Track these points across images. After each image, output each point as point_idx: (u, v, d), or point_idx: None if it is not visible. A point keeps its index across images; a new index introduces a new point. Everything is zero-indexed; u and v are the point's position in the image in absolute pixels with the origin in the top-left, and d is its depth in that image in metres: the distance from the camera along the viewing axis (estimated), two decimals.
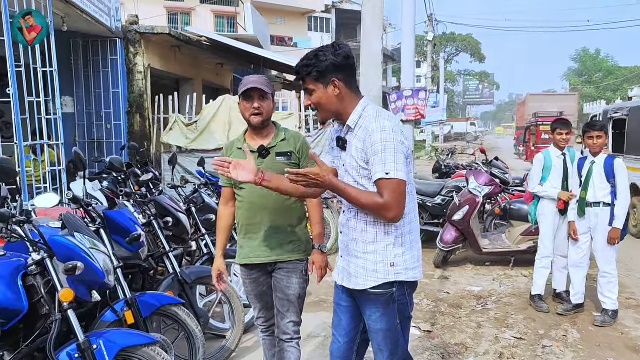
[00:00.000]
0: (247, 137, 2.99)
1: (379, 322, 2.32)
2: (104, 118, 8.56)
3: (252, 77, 2.89)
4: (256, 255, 2.93)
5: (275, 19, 27.92)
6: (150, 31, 8.97)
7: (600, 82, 55.11)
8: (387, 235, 2.27)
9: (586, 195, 4.69)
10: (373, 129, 2.17)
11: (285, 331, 2.97)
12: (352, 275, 2.34)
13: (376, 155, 2.14)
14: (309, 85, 2.24)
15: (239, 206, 2.99)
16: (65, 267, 2.38)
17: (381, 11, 8.58)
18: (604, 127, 4.75)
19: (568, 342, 4.31)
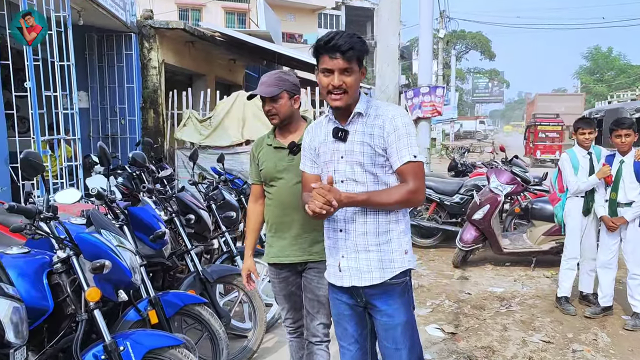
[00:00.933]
0: (276, 133, 2.89)
1: (397, 314, 2.24)
2: (118, 113, 8.49)
3: (263, 78, 2.81)
4: (286, 255, 2.83)
5: (285, 15, 27.80)
6: (164, 26, 8.89)
7: (612, 80, 54.57)
8: (398, 223, 2.24)
9: (617, 196, 4.54)
10: (395, 114, 2.18)
11: (315, 333, 2.87)
12: (364, 271, 2.23)
13: (401, 139, 2.14)
14: (352, 64, 2.10)
15: (269, 204, 2.89)
16: (92, 265, 2.29)
17: (399, 7, 8.47)
18: (632, 124, 4.54)
19: (599, 347, 4.19)
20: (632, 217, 4.48)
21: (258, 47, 10.93)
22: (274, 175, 2.82)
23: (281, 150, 2.82)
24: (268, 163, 2.83)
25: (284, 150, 2.80)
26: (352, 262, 2.25)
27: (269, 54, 12.08)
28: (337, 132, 2.22)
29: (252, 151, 2.95)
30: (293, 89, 2.79)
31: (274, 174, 2.82)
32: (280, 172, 2.80)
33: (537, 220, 6.47)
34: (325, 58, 2.10)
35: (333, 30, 2.21)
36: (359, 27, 42.91)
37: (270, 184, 2.85)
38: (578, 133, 4.87)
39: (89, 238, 2.38)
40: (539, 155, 22.02)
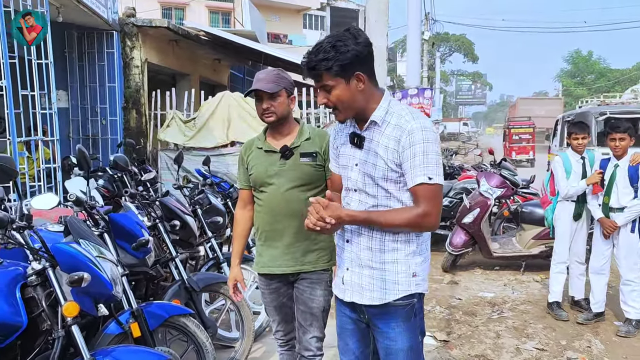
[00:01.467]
0: (267, 136, 2.74)
1: (399, 339, 2.07)
2: (99, 113, 8.24)
3: (260, 74, 2.66)
4: (277, 265, 2.69)
5: (270, 15, 27.58)
6: (148, 24, 8.68)
7: (592, 83, 55.34)
8: (409, 244, 2.05)
9: (609, 200, 4.48)
10: (413, 128, 1.94)
11: (308, 347, 2.73)
12: (366, 289, 2.07)
13: (416, 156, 1.93)
14: (327, 81, 1.94)
15: (259, 210, 2.74)
16: (70, 278, 2.12)
17: (386, 8, 8.37)
18: (628, 128, 4.45)
19: (593, 354, 4.12)
20: (624, 222, 4.42)
21: (243, 47, 10.75)
22: (265, 181, 2.68)
23: (272, 154, 2.68)
24: (258, 167, 2.69)
25: (275, 154, 2.67)
26: (355, 276, 2.10)
27: (254, 54, 11.90)
28: (354, 138, 2.07)
29: (241, 154, 2.81)
30: (291, 88, 2.66)
31: (264, 179, 2.67)
32: (271, 177, 2.66)
33: (526, 224, 6.42)
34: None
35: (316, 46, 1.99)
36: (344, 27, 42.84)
37: (260, 190, 2.71)
38: (571, 138, 4.82)
39: (66, 249, 2.21)
40: (514, 156, 23.10)
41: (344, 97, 1.96)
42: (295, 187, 2.64)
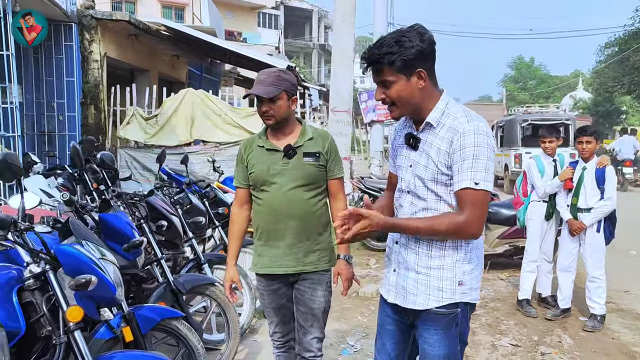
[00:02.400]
0: (268, 135, 2.70)
1: (438, 346, 2.04)
2: (56, 109, 7.88)
3: (261, 75, 2.61)
4: (278, 265, 2.65)
5: (224, 12, 27.18)
6: (108, 17, 8.37)
7: (534, 89, 57.71)
8: (457, 250, 2.01)
9: (577, 201, 4.68)
10: (466, 130, 1.91)
11: (309, 348, 2.71)
12: (410, 292, 2.06)
13: (466, 160, 1.89)
14: (388, 76, 1.91)
15: (259, 210, 2.69)
16: (76, 281, 2.01)
17: (353, 9, 8.43)
18: (594, 132, 4.68)
19: (564, 349, 4.29)
20: (591, 223, 4.63)
21: (203, 44, 10.56)
22: (267, 180, 2.63)
23: (275, 152, 2.64)
24: (260, 166, 2.64)
25: (278, 152, 2.62)
26: (401, 279, 2.09)
27: (214, 51, 11.71)
28: (409, 139, 2.04)
29: (241, 153, 2.75)
30: (292, 89, 2.62)
31: (266, 178, 2.63)
32: (273, 177, 2.62)
33: (492, 224, 6.61)
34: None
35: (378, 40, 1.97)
36: (297, 28, 42.89)
37: (261, 189, 2.66)
38: (540, 141, 5.03)
39: (71, 251, 2.10)
40: None
41: (403, 93, 1.93)
42: (298, 186, 2.61)
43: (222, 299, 3.64)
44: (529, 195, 5.08)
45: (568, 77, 56.39)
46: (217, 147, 8.70)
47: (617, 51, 34.93)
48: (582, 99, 44.05)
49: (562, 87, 53.76)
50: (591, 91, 42.86)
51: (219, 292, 3.64)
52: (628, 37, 32.83)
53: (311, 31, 42.88)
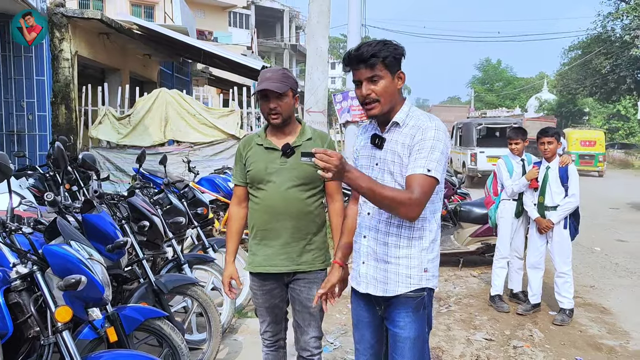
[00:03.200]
0: (268, 133, 2.70)
1: (408, 328, 2.20)
2: (26, 108, 7.72)
3: (267, 73, 2.61)
4: (273, 264, 2.66)
5: (195, 11, 26.95)
6: (79, 15, 8.24)
7: (500, 90, 58.93)
8: (422, 240, 2.19)
9: (544, 200, 4.86)
10: (428, 126, 2.11)
11: (306, 347, 2.73)
12: (380, 281, 2.21)
13: (423, 150, 2.07)
14: (379, 71, 2.06)
15: (255, 208, 2.69)
16: (66, 282, 2.02)
17: (328, 10, 8.49)
18: (555, 133, 4.86)
19: (535, 342, 4.44)
20: (558, 220, 4.82)
21: (175, 43, 10.48)
22: (264, 178, 2.63)
23: (273, 151, 2.64)
24: (258, 164, 2.65)
25: (276, 151, 2.62)
26: (371, 269, 2.22)
27: (187, 50, 11.62)
28: (375, 139, 2.18)
29: (239, 150, 2.74)
30: (296, 87, 2.64)
31: (263, 176, 2.63)
32: (270, 175, 2.62)
33: (464, 222, 6.78)
34: (353, 70, 2.09)
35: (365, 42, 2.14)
36: (268, 27, 42.77)
37: (258, 187, 2.66)
38: (509, 143, 5.20)
39: (60, 251, 2.10)
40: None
41: (389, 89, 2.09)
42: (295, 186, 2.62)
43: (203, 298, 3.66)
44: (499, 195, 5.25)
45: (534, 79, 57.72)
46: (192, 147, 8.67)
47: (580, 54, 36.01)
48: (547, 101, 45.20)
49: (528, 88, 55.05)
50: (555, 93, 44.03)
51: (200, 292, 3.65)
52: (590, 41, 33.89)
53: (282, 31, 42.84)
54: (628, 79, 31.06)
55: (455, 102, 77.30)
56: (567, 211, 4.80)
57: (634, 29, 28.37)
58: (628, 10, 29.69)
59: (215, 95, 24.54)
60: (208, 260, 4.30)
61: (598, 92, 34.54)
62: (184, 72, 14.82)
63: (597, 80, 33.35)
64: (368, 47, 2.06)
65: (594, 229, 9.81)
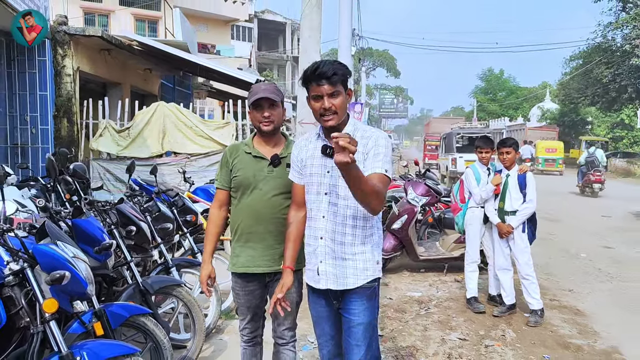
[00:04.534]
0: (255, 143, 2.93)
1: (362, 315, 2.49)
2: (29, 122, 8.06)
3: (261, 86, 2.88)
4: (256, 265, 2.88)
5: (198, 25, 27.42)
6: (80, 33, 8.60)
7: (503, 100, 59.14)
8: (372, 237, 2.52)
9: (504, 205, 5.15)
10: (379, 135, 2.45)
11: (282, 337, 2.99)
12: (340, 276, 2.48)
13: (379, 155, 2.37)
14: (338, 87, 2.36)
15: (240, 212, 2.90)
16: (51, 276, 2.29)
17: (319, 24, 8.81)
18: (513, 144, 5.20)
19: (507, 341, 4.67)
20: (517, 224, 5.10)
21: (175, 58, 10.82)
22: (251, 184, 2.85)
23: (261, 160, 2.87)
24: (246, 171, 2.86)
25: (264, 160, 2.86)
26: (330, 267, 2.48)
27: (186, 65, 11.97)
28: (326, 149, 2.35)
29: (226, 156, 2.95)
30: (283, 101, 2.90)
31: (251, 182, 2.85)
32: (258, 182, 2.84)
33: (449, 230, 7.02)
34: (313, 86, 2.36)
35: (318, 60, 2.44)
36: (271, 40, 43.31)
37: (244, 192, 2.87)
38: (477, 152, 5.47)
39: (47, 250, 2.38)
40: (427, 160, 28.74)
41: (344, 104, 2.41)
42: (280, 193, 2.85)
43: (188, 299, 3.93)
44: (466, 202, 5.52)
45: (536, 88, 57.86)
46: (188, 158, 8.97)
47: (581, 64, 36.20)
48: (549, 110, 45.29)
49: (531, 98, 55.22)
50: (557, 102, 44.17)
51: (185, 293, 3.92)
52: (591, 50, 34.09)
53: (284, 43, 43.36)
54: (629, 88, 31.22)
55: (458, 112, 77.69)
56: (525, 216, 5.08)
57: (634, 39, 28.63)
58: (628, 20, 29.95)
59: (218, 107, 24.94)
60: (196, 264, 4.56)
61: (599, 102, 34.70)
62: (185, 85, 15.19)
63: (598, 89, 33.52)
64: (331, 65, 2.35)
65: (583, 236, 10.02)
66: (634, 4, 30.48)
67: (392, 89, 69.49)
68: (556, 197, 15.66)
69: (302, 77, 2.44)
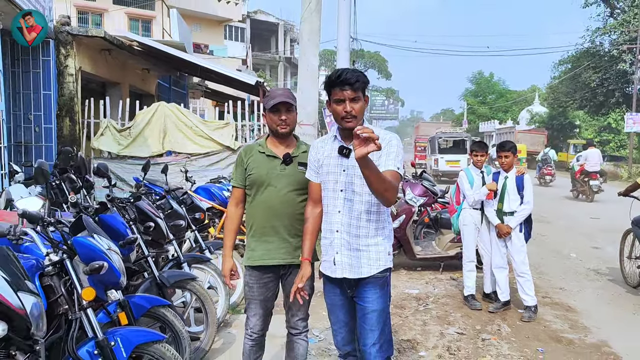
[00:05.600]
0: (268, 143, 3.11)
1: (376, 302, 2.70)
2: (33, 121, 8.18)
3: (278, 91, 3.07)
4: (272, 257, 3.03)
5: (192, 25, 27.52)
6: (83, 33, 8.72)
7: (493, 103, 59.69)
8: (384, 229, 2.74)
9: (502, 206, 5.35)
10: (391, 137, 2.68)
11: (295, 327, 3.17)
12: (354, 266, 2.69)
13: (391, 154, 2.61)
14: (359, 93, 2.59)
15: (256, 209, 3.06)
16: (90, 267, 2.47)
17: (318, 28, 9.00)
18: (512, 147, 5.37)
19: (502, 335, 4.90)
20: (515, 225, 5.31)
21: (173, 58, 10.97)
22: (264, 181, 3.02)
23: (274, 159, 3.05)
24: (260, 170, 3.03)
25: (277, 159, 3.04)
26: (345, 258, 2.69)
27: (185, 65, 12.12)
28: (342, 150, 2.64)
29: (241, 156, 3.12)
30: (296, 105, 3.10)
31: (264, 180, 3.02)
32: (271, 179, 3.02)
33: (445, 229, 7.24)
34: (336, 90, 2.58)
35: (340, 68, 2.67)
36: (263, 41, 43.44)
37: (259, 190, 3.04)
38: (472, 155, 5.70)
39: (86, 242, 2.56)
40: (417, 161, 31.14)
41: (362, 109, 2.63)
42: (293, 190, 3.03)
43: (201, 292, 4.10)
44: (461, 203, 5.75)
45: (526, 92, 58.45)
46: (189, 158, 9.13)
47: (570, 68, 36.73)
48: (538, 113, 45.78)
49: (520, 101, 55.78)
50: (546, 106, 44.72)
51: (198, 287, 4.10)
52: (579, 55, 34.60)
53: (277, 44, 43.51)
54: (616, 92, 31.80)
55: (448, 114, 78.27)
56: (523, 217, 5.29)
57: (621, 44, 29.17)
58: (616, 25, 30.53)
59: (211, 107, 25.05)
60: (205, 260, 4.74)
61: (587, 105, 35.25)
62: (181, 85, 15.31)
63: (586, 93, 34.06)
64: (353, 73, 2.58)
65: (573, 237, 10.30)
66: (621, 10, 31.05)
67: (383, 91, 69.91)
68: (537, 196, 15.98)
69: (326, 82, 2.65)
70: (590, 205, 15.53)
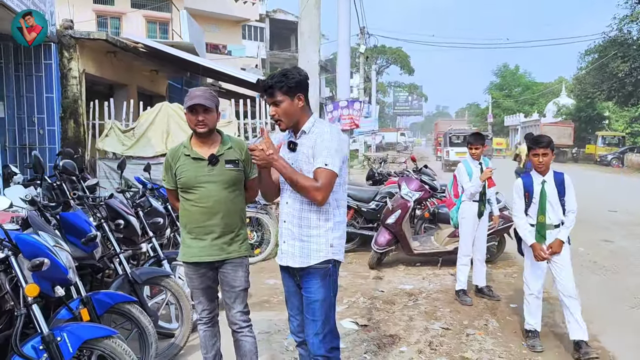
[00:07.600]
0: (192, 144, 3.15)
1: (317, 293, 2.77)
2: (37, 123, 8.37)
3: (197, 92, 3.09)
4: (207, 254, 3.11)
5: (209, 26, 27.77)
6: (86, 36, 8.88)
7: (518, 96, 58.63)
8: (327, 222, 2.79)
9: (545, 219, 4.20)
10: (325, 131, 2.75)
11: (234, 321, 3.21)
12: (296, 255, 2.79)
13: (322, 150, 2.67)
14: (278, 97, 2.68)
15: (189, 209, 3.11)
16: (32, 263, 2.50)
17: (318, 25, 9.00)
18: (550, 142, 4.17)
19: (489, 330, 4.80)
20: (566, 237, 4.20)
21: (181, 59, 11.08)
22: (195, 184, 3.08)
23: (200, 161, 3.09)
24: (188, 173, 3.09)
25: (203, 161, 3.09)
26: (289, 247, 2.80)
27: (193, 66, 12.23)
28: (289, 144, 2.78)
29: (168, 161, 3.19)
30: (218, 105, 3.14)
31: (194, 183, 3.08)
32: (201, 182, 3.07)
33: (443, 224, 7.14)
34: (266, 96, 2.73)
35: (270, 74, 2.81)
36: (283, 40, 43.51)
37: (190, 192, 3.10)
38: (468, 148, 5.58)
39: (28, 238, 2.59)
40: (438, 154, 35.60)
41: (288, 110, 2.71)
42: (224, 189, 3.10)
43: (176, 289, 4.13)
44: (459, 196, 5.63)
45: (552, 83, 57.21)
46: None
47: (597, 58, 35.72)
48: (565, 105, 44.73)
49: (546, 93, 54.64)
50: (573, 97, 43.64)
51: (172, 284, 4.12)
52: (607, 44, 33.61)
53: (297, 43, 43.50)
54: None
55: (474, 108, 77.19)
56: (569, 229, 4.21)
57: None
58: None
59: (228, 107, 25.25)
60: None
61: (616, 96, 34.24)
62: (193, 86, 15.45)
63: (614, 83, 33.08)
64: (270, 79, 2.69)
65: (585, 230, 10.02)
66: None
67: (406, 87, 69.28)
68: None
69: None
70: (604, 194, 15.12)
